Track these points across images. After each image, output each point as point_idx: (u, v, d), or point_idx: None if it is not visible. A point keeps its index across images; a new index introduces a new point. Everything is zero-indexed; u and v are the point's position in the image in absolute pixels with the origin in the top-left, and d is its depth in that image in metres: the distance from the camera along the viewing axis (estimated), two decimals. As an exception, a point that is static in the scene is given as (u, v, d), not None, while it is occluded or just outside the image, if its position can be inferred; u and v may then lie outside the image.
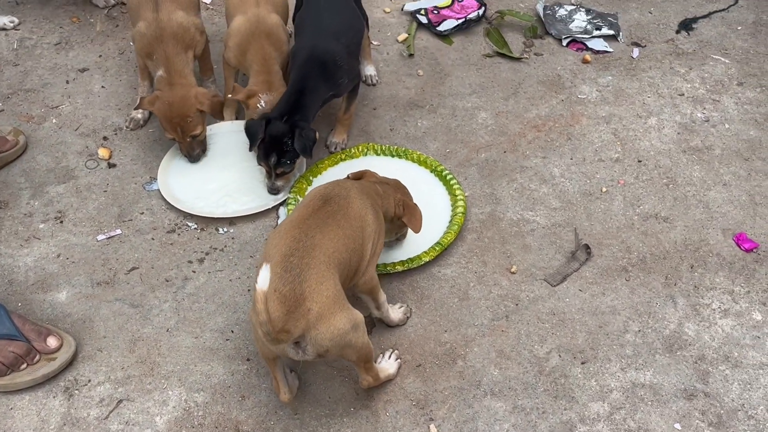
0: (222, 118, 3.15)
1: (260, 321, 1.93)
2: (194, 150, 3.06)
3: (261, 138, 2.78)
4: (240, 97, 2.96)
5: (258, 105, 2.93)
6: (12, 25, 3.72)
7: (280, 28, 3.04)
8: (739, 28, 3.86)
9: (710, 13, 3.95)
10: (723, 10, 3.98)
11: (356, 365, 2.28)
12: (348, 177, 2.59)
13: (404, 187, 2.64)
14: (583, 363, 2.51)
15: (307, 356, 2.10)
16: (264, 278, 1.91)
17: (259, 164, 2.90)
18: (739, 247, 2.85)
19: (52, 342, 2.46)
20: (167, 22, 3.00)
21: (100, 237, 2.86)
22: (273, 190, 2.95)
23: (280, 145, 2.79)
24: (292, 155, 2.82)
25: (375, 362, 2.36)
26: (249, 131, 2.84)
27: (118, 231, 2.89)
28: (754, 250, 2.83)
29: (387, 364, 2.43)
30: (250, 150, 2.86)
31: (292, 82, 2.86)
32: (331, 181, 2.49)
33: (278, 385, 2.29)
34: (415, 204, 2.59)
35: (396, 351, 2.49)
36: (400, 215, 2.54)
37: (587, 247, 2.82)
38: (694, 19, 3.91)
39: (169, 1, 3.04)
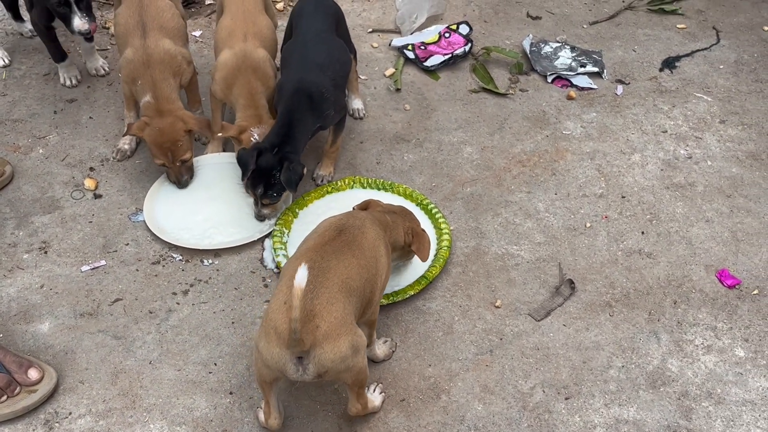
0: (210, 134, 3.17)
1: (293, 317, 1.95)
2: (183, 176, 3.08)
3: (252, 168, 2.80)
4: (232, 133, 2.99)
5: (251, 139, 2.96)
6: (2, 63, 3.73)
7: (266, 62, 3.07)
8: (721, 66, 3.93)
9: (693, 52, 4.02)
10: (705, 49, 4.05)
11: (350, 389, 2.28)
12: (354, 209, 2.60)
13: (411, 213, 2.67)
14: (566, 399, 2.51)
15: (306, 375, 2.10)
16: (302, 276, 1.94)
17: (247, 192, 2.93)
18: (722, 283, 2.87)
19: (33, 374, 2.43)
20: (154, 48, 3.04)
21: (85, 268, 2.85)
22: (259, 217, 2.97)
23: (268, 177, 2.83)
24: (279, 188, 2.85)
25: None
26: (240, 161, 2.87)
27: (103, 262, 2.88)
28: (737, 287, 2.86)
29: (372, 397, 2.43)
30: (242, 180, 2.88)
31: (280, 114, 2.90)
32: (345, 212, 2.51)
33: (269, 410, 2.29)
34: (423, 231, 2.62)
35: (380, 384, 2.49)
36: (409, 243, 2.56)
37: (571, 282, 2.83)
38: (677, 58, 3.97)
39: (156, 29, 3.08)
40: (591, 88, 3.76)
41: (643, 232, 3.05)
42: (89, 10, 3.18)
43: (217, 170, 3.19)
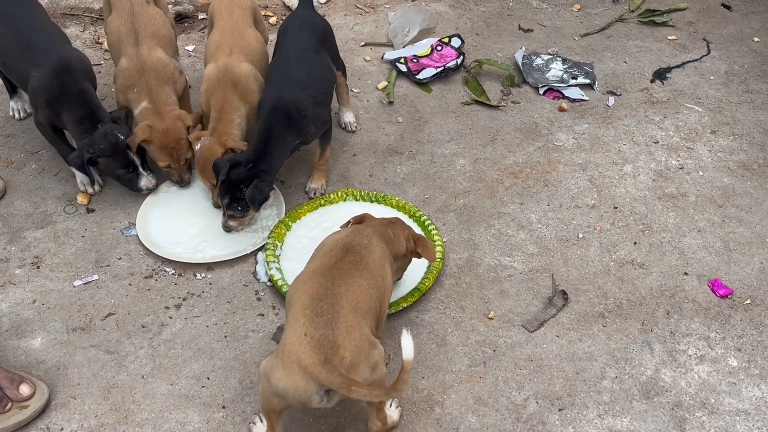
0: (204, 127, 3.19)
1: (373, 395, 2.01)
2: (185, 174, 3.15)
3: (222, 179, 2.83)
4: (192, 137, 3.04)
5: (196, 147, 2.99)
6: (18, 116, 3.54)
7: (249, 77, 3.08)
8: (712, 77, 3.95)
9: (683, 63, 4.04)
10: (696, 60, 4.07)
11: (369, 406, 2.27)
12: (348, 223, 2.60)
13: (404, 222, 2.66)
14: (560, 410, 2.50)
15: (330, 404, 2.09)
16: (410, 347, 2.03)
17: (216, 200, 2.98)
18: (714, 293, 2.87)
19: (24, 390, 2.42)
20: (148, 56, 3.08)
21: (77, 282, 2.85)
22: (226, 228, 2.98)
23: (235, 191, 2.85)
24: (244, 203, 2.87)
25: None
26: (214, 169, 2.89)
27: (96, 276, 2.87)
28: (729, 297, 2.86)
29: (390, 412, 2.42)
30: (216, 185, 2.90)
31: (258, 131, 2.92)
32: (350, 228, 2.49)
33: None
34: (422, 235, 2.62)
35: (396, 399, 2.47)
36: (412, 249, 2.56)
37: (564, 293, 2.84)
38: (668, 69, 4.00)
39: (149, 38, 3.11)
40: (582, 100, 3.78)
41: (635, 243, 3.06)
42: (147, 163, 3.08)
43: (210, 184, 3.19)
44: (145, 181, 3.05)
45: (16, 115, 3.47)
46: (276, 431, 2.24)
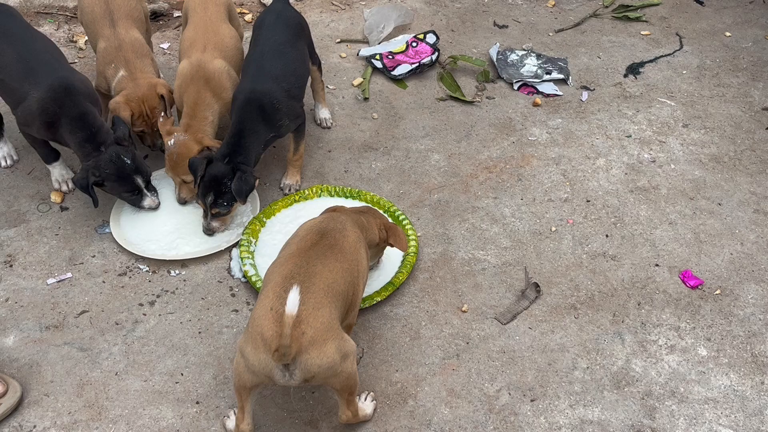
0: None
1: (282, 344, 2.01)
2: (158, 140, 3.19)
3: (201, 176, 2.82)
4: (163, 132, 3.03)
5: (168, 143, 2.99)
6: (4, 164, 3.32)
7: (223, 74, 3.08)
8: (684, 72, 3.99)
9: (656, 58, 4.08)
10: (669, 54, 4.11)
11: (339, 396, 2.28)
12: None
13: (377, 211, 2.69)
14: (532, 400, 2.53)
15: (293, 380, 2.11)
16: (293, 302, 2.01)
17: (197, 202, 2.95)
18: (685, 284, 2.91)
19: (-3, 387, 2.42)
20: (125, 35, 3.13)
21: (50, 280, 2.84)
22: (208, 231, 2.97)
23: (219, 186, 2.84)
24: (230, 197, 2.87)
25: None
26: (191, 167, 2.89)
27: (69, 274, 2.87)
28: (700, 287, 2.90)
29: (364, 405, 2.43)
30: (194, 187, 2.89)
31: (232, 124, 2.92)
32: (325, 214, 2.52)
33: (243, 416, 2.27)
34: (395, 224, 2.64)
35: (372, 393, 2.49)
36: (384, 239, 2.58)
37: (537, 285, 2.86)
38: (641, 64, 4.03)
39: (124, 18, 3.17)
40: (556, 95, 3.81)
41: (607, 235, 3.09)
42: (151, 183, 3.06)
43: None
44: (149, 200, 3.03)
45: (3, 163, 3.26)
46: (245, 411, 2.26)
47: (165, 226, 3.03)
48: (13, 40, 2.92)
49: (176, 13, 4.25)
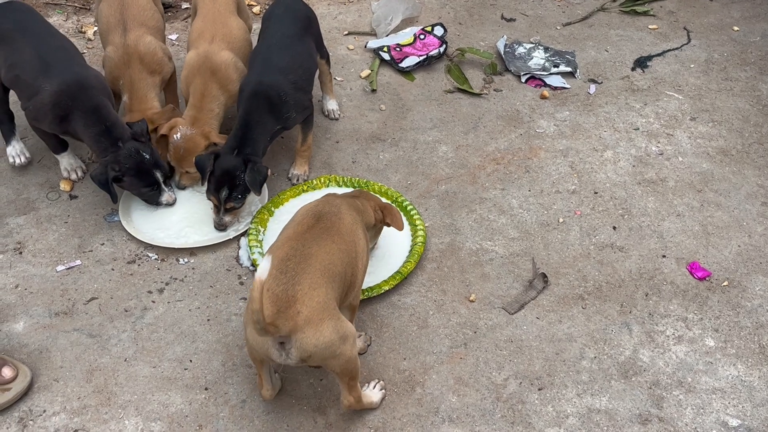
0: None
1: (254, 309, 2.00)
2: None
3: (210, 171, 2.82)
4: (164, 131, 3.00)
5: (174, 136, 2.97)
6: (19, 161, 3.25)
7: (230, 66, 3.08)
8: (692, 65, 3.99)
9: (664, 52, 4.08)
10: (676, 48, 4.11)
11: (340, 380, 2.29)
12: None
13: (370, 193, 2.70)
14: (540, 389, 2.53)
15: (290, 360, 2.13)
16: (264, 268, 1.99)
17: (209, 198, 2.93)
18: (693, 275, 2.91)
19: (6, 372, 2.43)
20: (134, 46, 3.07)
21: (60, 268, 2.86)
22: (220, 227, 2.96)
23: (232, 179, 2.84)
24: (243, 189, 2.87)
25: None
26: (198, 165, 2.88)
27: (78, 262, 2.88)
28: (707, 279, 2.90)
29: (371, 393, 2.45)
30: (202, 184, 2.89)
31: (239, 116, 2.92)
32: (321, 198, 2.53)
33: (261, 382, 2.34)
34: (390, 204, 2.66)
35: (381, 382, 2.50)
36: (380, 219, 2.60)
37: (544, 275, 2.87)
38: (649, 57, 4.03)
39: (137, 27, 3.10)
40: (564, 88, 3.81)
41: (615, 227, 3.09)
42: (168, 179, 3.05)
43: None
44: (167, 196, 3.01)
45: (16, 161, 3.19)
46: (263, 377, 2.34)
47: (174, 215, 3.04)
48: (30, 37, 2.92)
49: (185, 5, 4.26)
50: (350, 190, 3.14)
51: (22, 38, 2.90)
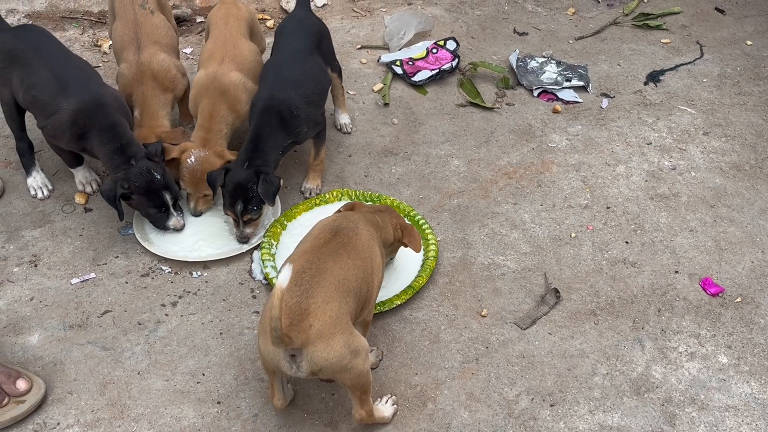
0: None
1: (272, 315, 2.01)
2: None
3: (221, 185, 2.85)
4: (175, 154, 3.00)
5: (188, 160, 2.98)
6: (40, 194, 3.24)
7: (238, 87, 3.09)
8: (705, 80, 3.99)
9: (677, 66, 4.08)
10: (689, 63, 4.11)
11: (351, 393, 2.30)
12: (340, 210, 2.64)
13: (395, 211, 2.71)
14: (552, 405, 2.53)
15: (300, 372, 2.15)
16: (284, 276, 2.01)
17: (226, 213, 2.95)
18: (705, 291, 2.90)
19: (21, 385, 2.45)
20: (147, 64, 3.10)
21: (74, 280, 2.88)
22: (242, 239, 2.98)
23: (245, 192, 2.85)
24: (258, 201, 2.88)
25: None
26: (209, 180, 2.90)
27: (93, 274, 2.90)
28: (720, 295, 2.89)
29: (383, 407, 2.45)
30: (213, 198, 2.91)
31: (250, 131, 2.94)
32: (338, 213, 2.55)
33: (273, 392, 2.37)
34: (411, 225, 2.67)
35: (393, 397, 2.50)
36: (399, 238, 2.62)
37: (556, 291, 2.86)
38: (662, 72, 4.03)
39: (151, 45, 3.12)
40: (576, 102, 3.81)
41: (627, 242, 3.09)
42: (178, 203, 3.04)
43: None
44: (174, 221, 3.00)
45: (39, 194, 3.19)
46: (275, 387, 2.36)
47: (187, 229, 3.06)
48: (46, 57, 2.94)
49: (199, 19, 4.30)
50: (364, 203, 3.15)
51: (39, 59, 2.92)
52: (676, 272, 2.97)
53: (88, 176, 3.19)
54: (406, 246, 2.64)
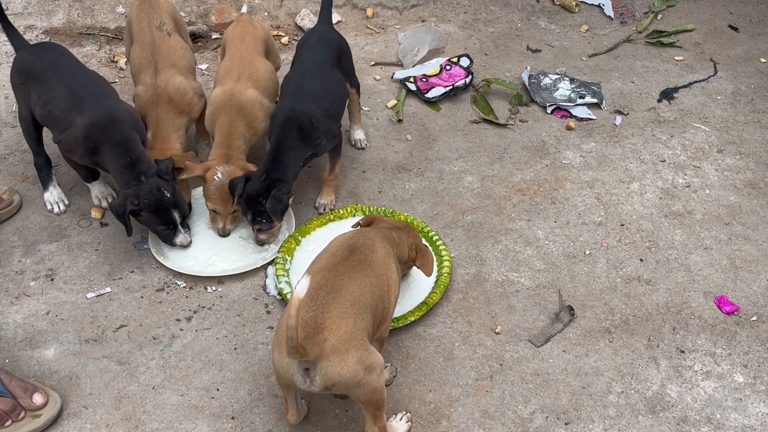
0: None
1: (289, 325, 2.02)
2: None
3: (240, 194, 2.88)
4: (198, 172, 3.01)
5: (215, 177, 2.99)
6: (57, 209, 3.25)
7: (255, 104, 3.11)
8: (719, 97, 3.99)
9: (691, 83, 4.08)
10: (703, 80, 4.11)
11: (365, 409, 2.30)
12: (358, 224, 2.65)
13: (413, 230, 2.72)
14: (566, 424, 2.52)
15: (314, 387, 2.15)
16: (303, 287, 2.05)
17: (244, 216, 3.00)
18: (721, 309, 2.89)
19: (37, 399, 2.46)
20: (164, 87, 3.12)
21: (90, 295, 2.90)
22: (258, 242, 3.04)
23: (256, 204, 2.90)
24: (267, 214, 2.92)
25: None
26: (230, 187, 2.94)
27: (108, 289, 2.92)
28: (735, 313, 2.88)
29: (397, 425, 2.45)
30: (233, 204, 2.94)
31: (271, 143, 2.98)
32: (355, 230, 2.57)
33: (287, 407, 2.37)
34: (426, 247, 2.68)
35: (408, 414, 2.50)
36: (413, 258, 2.62)
37: (571, 308, 2.86)
38: (675, 89, 4.04)
39: (168, 67, 3.15)
40: (590, 119, 3.82)
41: (641, 260, 3.08)
42: (186, 221, 3.04)
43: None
44: (181, 238, 3.01)
45: (55, 209, 3.21)
46: (288, 402, 2.36)
47: (202, 243, 3.08)
48: (64, 75, 2.97)
49: (214, 35, 4.33)
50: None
51: (55, 76, 2.95)
52: (691, 290, 2.96)
53: (104, 191, 3.21)
54: (418, 267, 2.64)
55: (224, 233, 3.09)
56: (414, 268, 2.84)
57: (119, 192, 2.96)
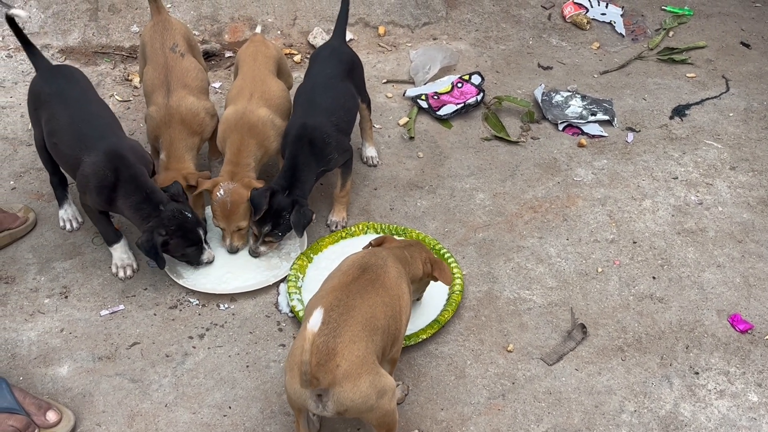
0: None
1: (303, 360, 2.03)
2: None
3: (266, 208, 2.92)
4: (207, 186, 3.04)
5: (218, 194, 3.01)
6: (69, 227, 3.27)
7: (267, 123, 3.13)
8: (731, 114, 3.98)
9: (703, 100, 4.08)
10: (715, 97, 4.11)
11: (377, 431, 2.30)
12: (370, 245, 2.66)
13: (424, 245, 2.72)
14: (579, 443, 2.51)
15: (326, 412, 2.15)
16: (316, 320, 2.05)
17: (256, 226, 3.02)
18: (734, 328, 2.87)
19: (51, 416, 2.48)
20: (176, 108, 3.14)
21: (104, 312, 2.91)
22: (254, 254, 3.07)
23: (278, 217, 2.94)
24: (285, 228, 2.97)
25: None
26: (253, 201, 2.96)
27: (122, 306, 2.94)
28: (749, 332, 2.86)
29: None
30: (255, 218, 2.95)
31: (286, 158, 3.02)
32: (366, 250, 2.57)
33: (299, 427, 2.36)
34: (439, 259, 2.67)
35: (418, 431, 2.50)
36: (429, 272, 2.63)
37: (583, 326, 2.85)
38: (687, 106, 4.03)
39: (180, 88, 3.17)
40: (602, 136, 3.82)
41: (654, 277, 3.07)
42: (206, 237, 3.04)
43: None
44: (207, 254, 3.02)
45: (68, 227, 3.24)
46: (300, 424, 2.36)
47: (215, 261, 3.09)
48: (69, 104, 2.95)
49: (227, 54, 4.37)
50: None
51: (60, 106, 2.94)
52: (705, 308, 2.94)
53: (124, 258, 3.06)
54: (436, 280, 2.65)
55: (231, 250, 3.11)
56: (426, 289, 2.83)
57: (140, 228, 2.90)
